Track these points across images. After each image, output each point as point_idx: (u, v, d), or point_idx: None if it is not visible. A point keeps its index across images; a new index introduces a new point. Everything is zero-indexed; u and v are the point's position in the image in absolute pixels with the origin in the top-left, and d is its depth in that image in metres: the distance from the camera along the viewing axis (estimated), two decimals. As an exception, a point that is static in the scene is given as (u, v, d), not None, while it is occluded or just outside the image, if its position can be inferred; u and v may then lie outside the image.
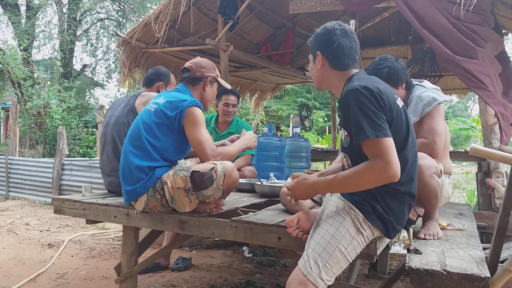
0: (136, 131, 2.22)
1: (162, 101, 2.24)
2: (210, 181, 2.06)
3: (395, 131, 1.56)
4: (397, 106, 1.61)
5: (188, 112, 2.15)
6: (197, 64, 2.37)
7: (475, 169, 5.32)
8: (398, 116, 1.59)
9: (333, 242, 1.55)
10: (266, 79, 7.45)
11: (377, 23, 6.55)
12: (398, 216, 1.66)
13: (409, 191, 1.67)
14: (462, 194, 8.30)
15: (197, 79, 2.35)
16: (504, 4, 3.68)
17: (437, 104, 2.26)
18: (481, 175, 4.31)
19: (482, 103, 4.04)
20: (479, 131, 12.36)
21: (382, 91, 1.55)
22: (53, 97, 10.70)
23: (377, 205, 1.60)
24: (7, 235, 4.71)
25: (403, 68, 2.37)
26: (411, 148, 1.66)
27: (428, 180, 2.00)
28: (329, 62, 1.73)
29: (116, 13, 17.17)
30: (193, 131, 2.16)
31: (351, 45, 1.72)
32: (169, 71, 2.97)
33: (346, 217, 1.60)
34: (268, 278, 3.38)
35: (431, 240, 2.02)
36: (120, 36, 4.93)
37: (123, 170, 2.24)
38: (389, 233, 1.66)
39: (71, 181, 7.07)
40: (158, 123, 2.18)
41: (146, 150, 2.15)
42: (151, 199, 2.15)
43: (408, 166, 1.64)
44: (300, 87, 18.37)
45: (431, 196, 2.05)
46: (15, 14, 14.53)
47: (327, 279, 1.52)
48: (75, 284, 3.17)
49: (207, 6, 4.96)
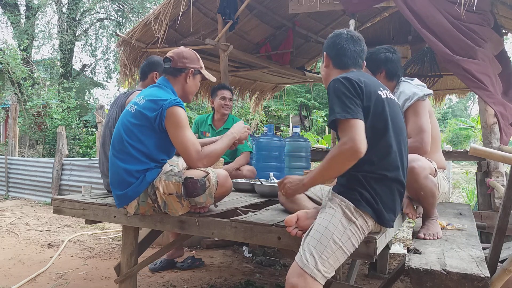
0: (118, 135, 2.15)
1: (142, 101, 2.14)
2: (202, 189, 2.02)
3: (373, 117, 1.65)
4: (378, 96, 1.69)
5: (168, 113, 2.04)
6: (179, 55, 2.24)
7: (475, 169, 5.32)
8: (378, 104, 1.67)
9: (326, 233, 1.58)
10: (265, 79, 7.44)
11: (377, 23, 6.55)
12: (388, 203, 1.68)
13: (397, 177, 1.69)
14: (461, 194, 8.31)
15: (178, 69, 2.23)
16: (504, 4, 3.68)
17: (417, 98, 2.27)
18: (480, 175, 4.31)
19: (482, 103, 4.04)
20: (479, 131, 12.37)
21: (362, 81, 1.66)
22: (53, 97, 10.69)
23: (365, 191, 1.63)
24: (7, 235, 4.71)
25: (387, 59, 2.38)
26: (396, 137, 1.71)
27: (424, 182, 2.02)
28: (333, 62, 1.89)
29: (115, 13, 17.16)
30: (176, 134, 2.06)
31: (354, 49, 1.85)
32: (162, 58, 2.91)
33: (337, 208, 1.64)
34: (268, 278, 3.38)
35: (430, 240, 2.02)
36: (120, 36, 4.93)
37: (111, 175, 2.18)
38: (381, 219, 1.66)
39: (71, 181, 7.07)
40: (138, 125, 2.09)
41: (130, 154, 2.08)
42: (143, 204, 2.11)
43: (392, 153, 1.68)
44: (299, 87, 18.36)
45: (428, 197, 2.07)
46: (15, 14, 14.52)
47: (324, 270, 1.54)
48: (75, 284, 3.17)
49: (207, 6, 4.96)
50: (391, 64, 2.40)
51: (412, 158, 2.01)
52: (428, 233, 2.06)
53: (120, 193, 2.14)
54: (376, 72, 2.40)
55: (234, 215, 2.24)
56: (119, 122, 2.20)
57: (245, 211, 2.37)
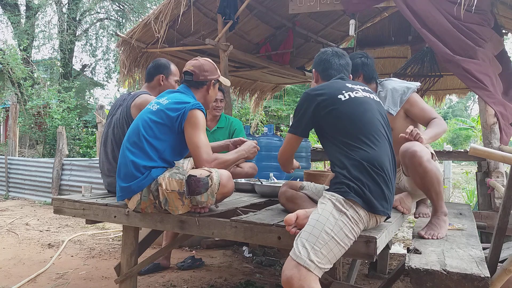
0: (135, 129, 2.22)
1: (165, 101, 2.24)
2: (205, 187, 2.05)
3: (336, 116, 1.85)
4: (338, 99, 1.87)
5: (190, 114, 2.14)
6: (200, 68, 2.34)
7: (475, 169, 5.32)
8: (343, 105, 1.85)
9: (317, 225, 1.62)
10: (266, 79, 7.45)
11: (377, 23, 6.55)
12: (376, 191, 1.70)
13: (373, 164, 1.72)
14: (462, 194, 8.31)
15: (201, 83, 2.35)
16: (504, 4, 3.68)
17: (412, 90, 2.45)
18: (481, 175, 4.31)
19: (482, 103, 4.04)
20: (479, 131, 12.37)
21: (319, 93, 1.89)
22: (53, 97, 10.69)
23: (351, 182, 1.69)
24: (7, 235, 4.71)
25: (363, 63, 2.54)
26: (366, 127, 1.81)
27: (428, 164, 2.04)
28: (321, 76, 2.12)
29: (115, 13, 17.15)
30: (192, 134, 2.15)
31: (340, 62, 2.10)
32: (169, 61, 2.90)
33: (327, 203, 1.70)
34: (268, 278, 3.38)
35: (430, 239, 2.02)
36: (120, 36, 4.93)
37: (119, 166, 2.24)
38: (371, 207, 1.69)
39: (71, 181, 7.07)
40: (159, 122, 2.18)
41: (143, 149, 2.15)
42: (144, 199, 2.15)
43: (363, 144, 1.77)
44: (300, 87, 18.32)
45: (434, 182, 2.07)
46: (15, 14, 14.50)
47: (318, 260, 1.57)
48: (75, 284, 3.17)
49: (207, 6, 4.96)
50: (367, 67, 2.54)
51: (410, 144, 2.09)
52: (429, 232, 2.06)
53: (124, 185, 2.18)
54: (355, 75, 2.52)
55: (234, 215, 2.24)
56: (138, 118, 2.28)
57: (245, 211, 2.37)
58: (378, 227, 1.85)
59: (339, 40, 7.03)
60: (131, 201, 2.21)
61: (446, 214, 2.15)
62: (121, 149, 2.27)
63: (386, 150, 1.82)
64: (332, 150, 1.85)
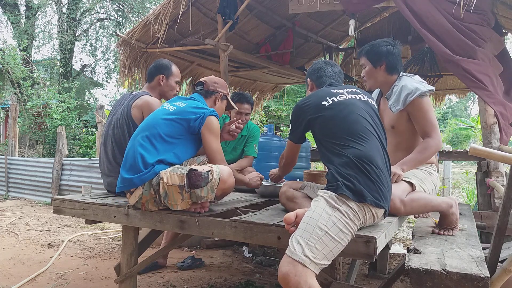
0: (150, 124, 2.28)
1: (182, 104, 2.35)
2: (205, 181, 2.08)
3: (322, 121, 1.94)
4: (322, 105, 1.96)
5: (208, 120, 2.27)
6: (210, 79, 2.55)
7: (475, 169, 5.32)
8: (327, 110, 1.94)
9: (311, 222, 1.64)
10: (265, 79, 7.44)
11: (377, 23, 6.55)
12: (363, 182, 1.72)
13: (359, 158, 1.76)
14: (461, 194, 8.31)
15: (210, 92, 2.51)
16: (504, 4, 3.68)
17: (420, 93, 2.29)
18: (480, 175, 4.32)
19: (482, 103, 4.04)
20: (479, 131, 12.36)
21: (306, 104, 2.02)
22: (53, 97, 10.69)
23: (341, 178, 1.73)
24: (7, 235, 4.71)
25: (388, 52, 2.41)
26: (352, 128, 1.86)
27: (407, 209, 2.10)
28: (315, 83, 2.25)
29: (115, 13, 17.15)
30: (210, 139, 2.29)
31: (333, 70, 2.23)
32: (171, 62, 2.90)
33: (320, 200, 1.73)
34: (267, 278, 3.38)
35: (430, 239, 2.03)
36: (120, 36, 4.92)
37: (126, 157, 2.27)
38: (362, 198, 1.70)
39: (71, 181, 7.07)
40: (176, 122, 2.26)
41: (154, 145, 2.21)
42: (145, 193, 2.17)
43: (350, 142, 1.82)
44: (299, 87, 18.33)
45: (422, 211, 2.24)
46: (15, 14, 14.50)
47: (313, 255, 1.58)
48: (74, 284, 3.17)
49: (206, 6, 4.96)
50: (392, 57, 2.42)
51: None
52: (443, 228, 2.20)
53: (127, 177, 2.20)
54: (377, 64, 2.43)
55: (234, 215, 2.25)
56: (153, 116, 2.34)
57: (245, 211, 2.37)
58: (378, 226, 1.85)
59: (339, 40, 7.02)
60: (133, 196, 2.22)
61: (451, 206, 2.19)
62: (132, 140, 2.31)
63: (377, 146, 1.86)
64: (323, 152, 1.93)
